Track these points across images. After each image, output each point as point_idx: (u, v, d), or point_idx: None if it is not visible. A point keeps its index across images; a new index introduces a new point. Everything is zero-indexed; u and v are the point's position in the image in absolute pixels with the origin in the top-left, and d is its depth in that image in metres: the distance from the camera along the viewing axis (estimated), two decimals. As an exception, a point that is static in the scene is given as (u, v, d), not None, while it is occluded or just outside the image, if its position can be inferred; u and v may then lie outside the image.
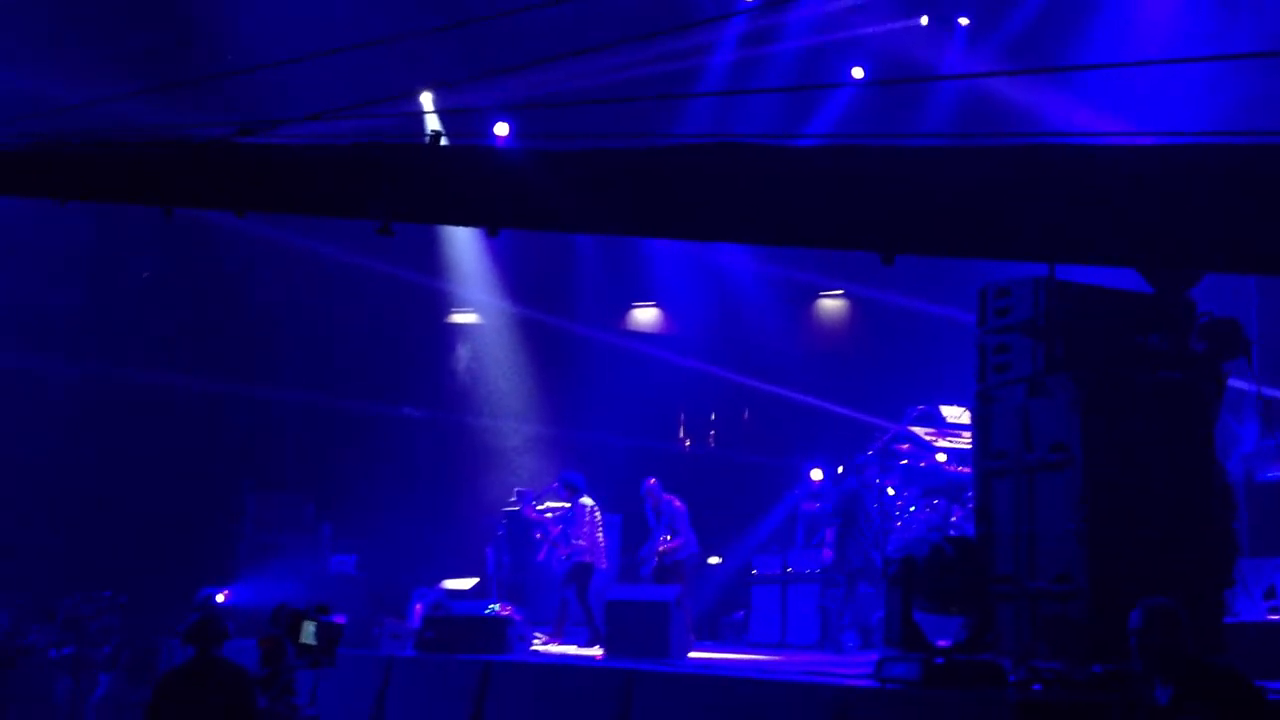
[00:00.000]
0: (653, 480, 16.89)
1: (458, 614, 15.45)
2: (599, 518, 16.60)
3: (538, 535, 17.39)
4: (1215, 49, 15.78)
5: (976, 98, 18.38)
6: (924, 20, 19.80)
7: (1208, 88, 15.61)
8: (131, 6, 18.46)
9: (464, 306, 22.72)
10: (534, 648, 15.55)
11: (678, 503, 16.76)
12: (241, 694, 9.05)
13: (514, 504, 18.66)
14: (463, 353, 22.74)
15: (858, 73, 19.12)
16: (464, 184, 7.33)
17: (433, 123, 13.73)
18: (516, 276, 22.00)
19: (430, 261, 21.44)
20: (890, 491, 16.56)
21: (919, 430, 16.90)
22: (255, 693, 8.83)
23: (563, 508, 17.34)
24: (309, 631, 8.23)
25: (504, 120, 17.51)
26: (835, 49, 19.57)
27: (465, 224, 14.24)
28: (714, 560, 19.27)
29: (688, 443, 23.52)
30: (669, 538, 16.61)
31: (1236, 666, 7.28)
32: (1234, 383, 10.62)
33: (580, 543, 16.35)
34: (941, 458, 16.60)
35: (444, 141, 7.97)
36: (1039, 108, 16.93)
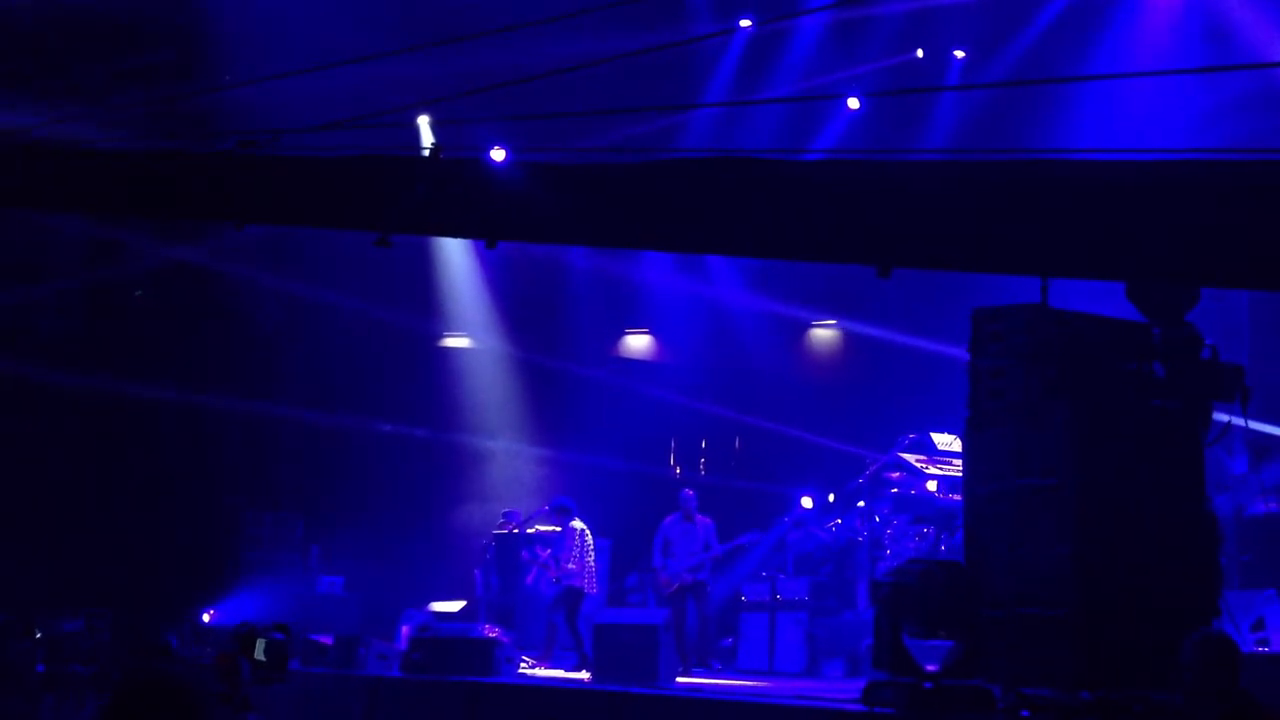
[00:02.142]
0: (690, 491, 16.79)
1: (445, 635, 15.41)
2: (590, 542, 16.56)
3: (524, 556, 17.37)
4: (1208, 89, 15.87)
5: (975, 126, 18.44)
6: (920, 53, 19.87)
7: (1204, 123, 15.69)
8: (130, 28, 18.47)
9: (457, 330, 22.71)
10: (521, 671, 15.50)
11: (709, 520, 16.71)
12: (199, 706, 9.18)
13: (502, 526, 18.64)
14: (455, 376, 22.70)
15: (853, 103, 19.17)
16: (464, 195, 7.39)
17: (428, 138, 13.77)
18: (510, 300, 22.00)
19: (424, 284, 21.44)
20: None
21: (910, 457, 16.87)
22: (213, 706, 8.98)
23: (553, 531, 17.33)
24: (260, 648, 8.51)
25: (500, 144, 17.51)
26: (831, 87, 19.56)
27: (464, 235, 14.28)
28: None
29: (679, 469, 23.48)
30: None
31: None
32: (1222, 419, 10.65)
33: (570, 566, 16.33)
34: (932, 485, 16.55)
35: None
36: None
